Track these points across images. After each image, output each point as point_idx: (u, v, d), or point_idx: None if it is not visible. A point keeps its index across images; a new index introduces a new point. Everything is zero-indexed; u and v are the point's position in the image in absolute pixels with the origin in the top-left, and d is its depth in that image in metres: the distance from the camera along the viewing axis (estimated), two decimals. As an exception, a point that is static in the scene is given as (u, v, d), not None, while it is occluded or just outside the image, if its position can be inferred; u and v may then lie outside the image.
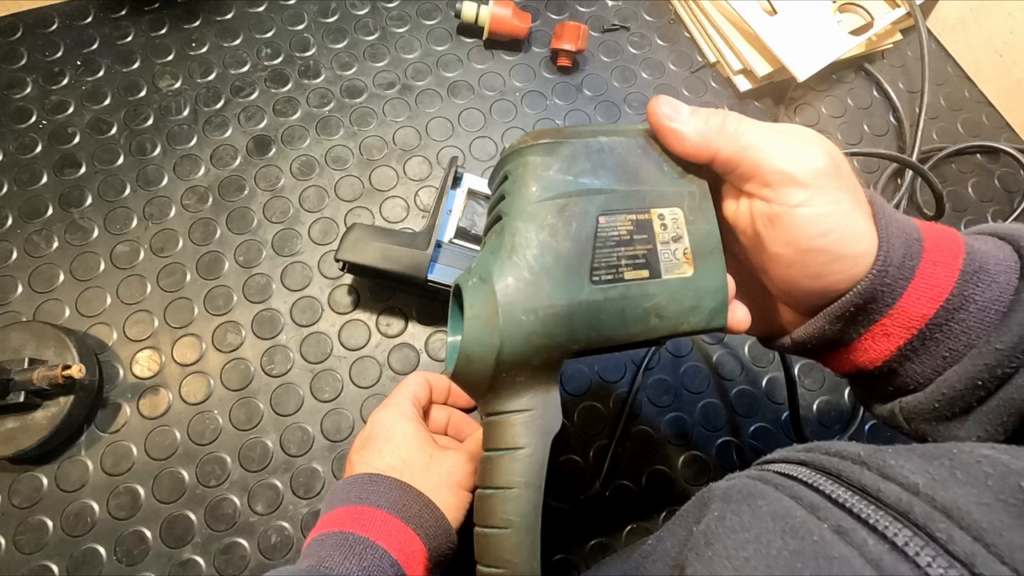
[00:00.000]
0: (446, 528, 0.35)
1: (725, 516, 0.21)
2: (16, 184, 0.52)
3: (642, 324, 0.26)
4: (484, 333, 0.25)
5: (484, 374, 0.25)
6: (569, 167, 0.26)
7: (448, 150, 0.56)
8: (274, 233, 0.52)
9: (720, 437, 0.49)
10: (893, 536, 0.18)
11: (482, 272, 0.25)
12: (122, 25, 0.59)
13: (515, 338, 0.24)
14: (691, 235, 0.27)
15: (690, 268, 0.26)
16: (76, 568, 0.42)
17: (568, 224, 0.25)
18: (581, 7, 0.65)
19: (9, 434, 0.41)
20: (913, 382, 0.26)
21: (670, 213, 0.26)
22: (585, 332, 0.25)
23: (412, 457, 0.37)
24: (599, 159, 0.26)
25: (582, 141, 0.26)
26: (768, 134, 0.26)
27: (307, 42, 0.60)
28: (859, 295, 0.25)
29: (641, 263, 0.26)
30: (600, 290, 0.25)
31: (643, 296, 0.26)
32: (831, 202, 0.25)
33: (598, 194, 0.26)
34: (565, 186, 0.25)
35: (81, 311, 0.48)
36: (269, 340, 0.49)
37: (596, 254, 0.25)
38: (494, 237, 0.26)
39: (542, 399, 0.26)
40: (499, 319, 0.24)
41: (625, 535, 0.45)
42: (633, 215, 0.26)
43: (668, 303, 0.26)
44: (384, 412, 0.39)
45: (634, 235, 0.26)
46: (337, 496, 0.36)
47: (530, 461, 0.26)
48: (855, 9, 0.61)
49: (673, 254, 0.26)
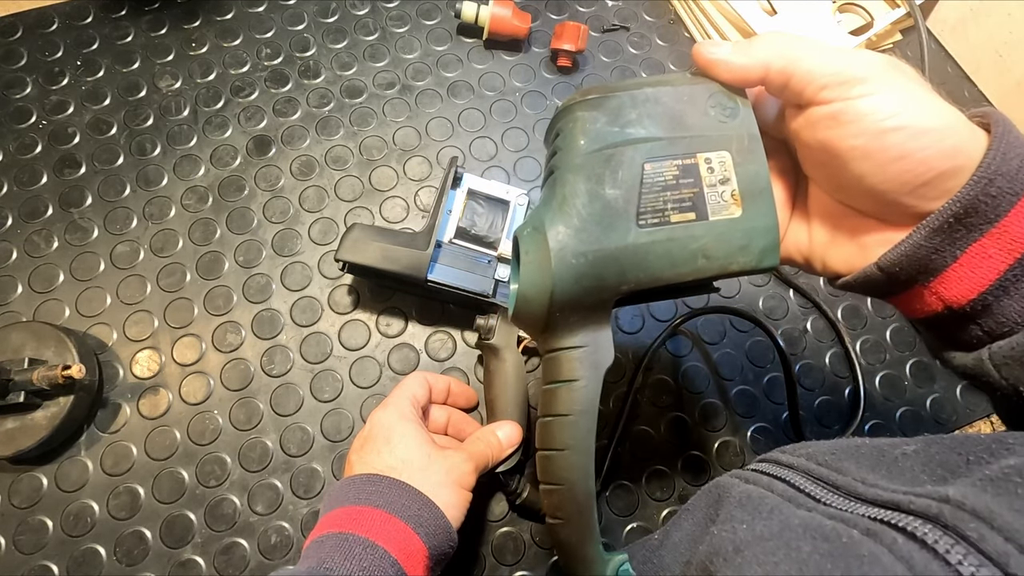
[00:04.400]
0: (446, 527, 0.35)
1: (755, 527, 0.21)
2: (16, 184, 0.52)
3: (690, 265, 0.27)
4: (538, 276, 0.27)
5: (540, 314, 0.27)
6: (615, 119, 0.27)
7: (448, 150, 0.56)
8: (274, 233, 0.52)
9: (720, 437, 0.49)
10: (923, 535, 0.17)
11: (535, 222, 0.28)
12: (122, 25, 0.59)
13: (566, 280, 0.26)
14: (739, 177, 0.27)
15: (738, 209, 0.27)
16: (76, 568, 0.42)
17: (615, 172, 0.27)
18: (581, 7, 0.65)
19: (9, 434, 0.41)
20: (1009, 322, 0.24)
21: (717, 156, 0.27)
22: (634, 273, 0.27)
23: (411, 457, 0.37)
24: (645, 109, 0.27)
25: (628, 94, 0.27)
26: (814, 43, 0.26)
27: (307, 42, 0.60)
28: (959, 201, 0.23)
29: (687, 206, 0.27)
30: (646, 233, 0.26)
31: (690, 237, 0.27)
32: (893, 88, 0.24)
33: (644, 142, 0.27)
34: (611, 137, 0.27)
35: (81, 311, 0.48)
36: (269, 340, 0.49)
37: (642, 199, 0.27)
38: (547, 190, 0.28)
39: (594, 336, 0.28)
40: (551, 263, 0.26)
41: (625, 535, 0.45)
42: (679, 160, 0.27)
43: (715, 243, 0.27)
44: (383, 412, 0.39)
45: (680, 179, 0.27)
46: (336, 497, 0.36)
47: (584, 392, 0.28)
48: (855, 9, 0.61)
49: (720, 196, 0.27)
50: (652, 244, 0.26)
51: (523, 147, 0.57)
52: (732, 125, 0.27)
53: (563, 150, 0.28)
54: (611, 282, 0.27)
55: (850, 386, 0.51)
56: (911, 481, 0.21)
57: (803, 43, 0.26)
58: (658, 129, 0.27)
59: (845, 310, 0.53)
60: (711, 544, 0.22)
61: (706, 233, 0.27)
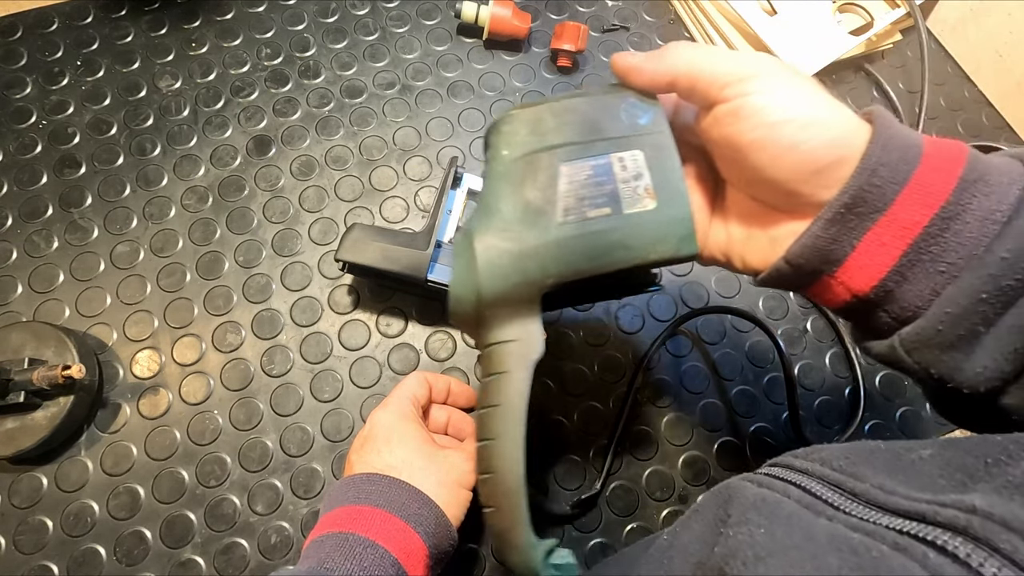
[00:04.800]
0: (446, 525, 0.35)
1: (775, 533, 0.21)
2: (16, 184, 0.52)
3: (609, 256, 0.29)
4: (467, 276, 0.29)
5: (471, 312, 0.30)
6: (535, 129, 0.29)
7: (448, 150, 0.56)
8: (274, 233, 0.52)
9: (720, 437, 0.49)
10: (954, 549, 0.17)
11: (466, 228, 0.30)
12: (122, 25, 0.59)
13: (492, 277, 0.29)
14: (652, 172, 0.29)
15: (652, 201, 0.29)
16: (76, 568, 0.42)
17: (534, 176, 0.29)
18: (581, 7, 0.65)
19: (9, 434, 0.41)
20: (912, 307, 0.25)
21: (629, 155, 0.29)
22: (556, 267, 0.29)
23: (411, 456, 0.37)
24: (562, 118, 0.29)
25: (547, 106, 0.30)
26: (715, 50, 0.28)
27: (307, 42, 0.60)
28: (847, 191, 0.25)
29: (602, 202, 0.29)
30: (566, 228, 0.28)
31: (607, 230, 0.29)
32: (785, 84, 0.26)
33: (561, 147, 0.29)
34: (531, 145, 0.29)
35: (81, 311, 0.48)
36: (269, 340, 0.49)
37: (560, 199, 0.29)
38: (479, 199, 0.30)
39: (524, 330, 0.30)
40: (477, 263, 0.28)
41: (625, 535, 0.45)
42: (593, 161, 0.29)
43: (632, 235, 0.29)
44: (383, 412, 0.39)
45: (594, 178, 0.29)
46: (336, 496, 0.36)
47: (513, 382, 0.30)
48: (855, 9, 0.61)
49: (634, 191, 0.29)
50: (571, 239, 0.28)
51: (523, 147, 0.57)
52: (644, 127, 0.30)
53: (490, 161, 0.30)
54: (535, 277, 0.29)
55: (850, 386, 0.51)
56: (931, 487, 0.20)
57: (706, 50, 0.28)
58: (574, 135, 0.29)
59: (845, 310, 0.53)
60: (726, 546, 0.22)
61: (622, 225, 0.29)
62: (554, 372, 0.49)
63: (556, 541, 0.33)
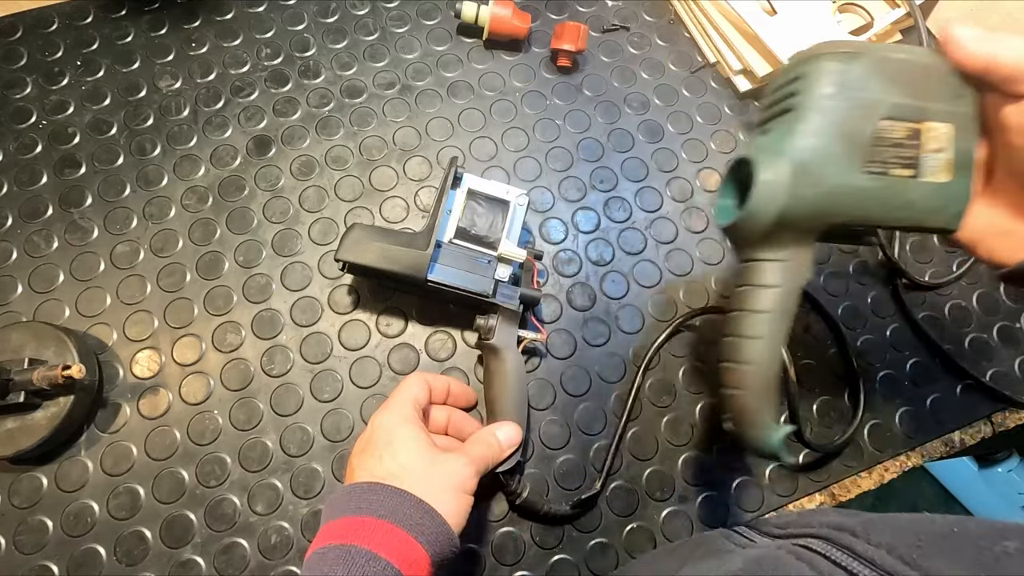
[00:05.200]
0: (448, 533, 0.35)
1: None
2: (16, 184, 0.52)
3: (895, 212, 0.32)
4: (773, 195, 0.31)
5: (761, 228, 0.32)
6: (862, 75, 0.30)
7: (448, 150, 0.56)
8: (274, 233, 0.52)
9: (720, 437, 0.49)
10: None
11: (776, 147, 0.31)
12: (122, 25, 0.59)
13: (796, 205, 0.31)
14: (955, 148, 0.31)
15: (947, 176, 0.31)
16: (76, 568, 0.42)
17: (854, 122, 0.30)
18: (581, 7, 0.65)
19: (9, 434, 0.41)
20: None
21: (942, 127, 0.31)
22: (849, 210, 0.31)
23: (412, 462, 0.37)
24: (891, 72, 0.31)
25: (877, 55, 0.31)
26: None
27: (307, 42, 0.60)
28: None
29: (907, 163, 0.31)
30: (869, 179, 0.31)
31: (903, 190, 0.31)
32: None
33: (884, 101, 0.30)
34: (857, 90, 0.30)
35: (81, 311, 0.48)
36: (269, 340, 0.49)
37: (871, 150, 0.31)
38: (784, 124, 0.32)
39: (800, 253, 0.33)
40: (789, 187, 0.30)
41: (625, 535, 0.45)
42: (910, 123, 0.31)
43: (920, 200, 0.31)
44: (384, 415, 0.39)
45: (906, 140, 0.31)
46: (338, 505, 0.35)
47: (783, 296, 0.33)
48: (855, 9, 0.61)
49: (936, 162, 0.31)
50: (871, 189, 0.31)
51: (523, 147, 0.57)
52: (959, 102, 0.31)
53: (807, 92, 0.31)
54: (829, 213, 0.31)
55: (850, 386, 0.51)
56: None
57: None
58: (899, 93, 0.31)
59: (845, 310, 0.53)
60: None
61: (915, 189, 0.31)
62: (554, 372, 0.49)
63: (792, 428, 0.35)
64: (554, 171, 0.57)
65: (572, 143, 0.58)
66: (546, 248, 0.54)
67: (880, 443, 0.50)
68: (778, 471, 0.48)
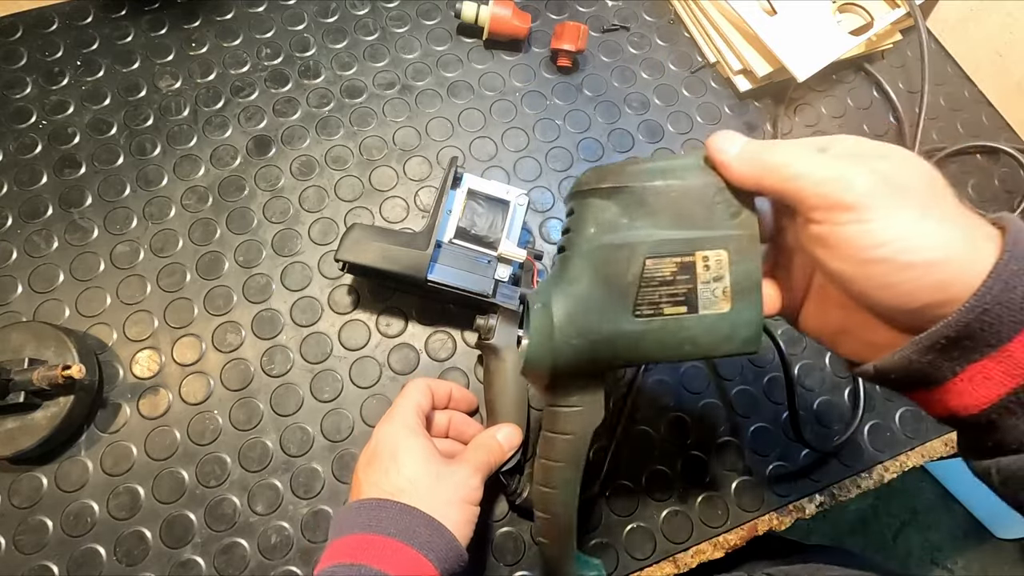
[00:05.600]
0: (456, 548, 0.35)
1: None
2: (16, 184, 0.52)
3: (677, 350, 0.30)
4: (543, 349, 0.30)
5: (543, 377, 0.32)
6: (625, 211, 0.29)
7: (448, 150, 0.56)
8: (274, 233, 0.52)
9: (720, 437, 0.49)
10: None
11: (544, 298, 0.31)
12: (122, 25, 0.59)
13: (566, 355, 0.30)
14: (732, 274, 0.29)
15: (727, 304, 0.29)
16: (76, 568, 0.42)
17: (618, 264, 0.29)
18: (581, 7, 0.65)
19: (9, 434, 0.41)
20: (1016, 441, 0.23)
21: (714, 255, 0.29)
22: (626, 354, 0.30)
23: (418, 476, 0.36)
24: (654, 205, 0.29)
25: (640, 186, 0.29)
26: (811, 162, 0.25)
27: (307, 42, 0.60)
28: (953, 325, 0.22)
29: (681, 300, 0.29)
30: (641, 323, 0.29)
31: (680, 328, 0.29)
32: (885, 216, 0.23)
33: (648, 238, 0.29)
34: (620, 229, 0.29)
35: (81, 311, 0.48)
36: (269, 340, 0.49)
37: (640, 292, 0.29)
38: (558, 267, 0.31)
39: (589, 399, 0.33)
40: (554, 341, 0.30)
41: (625, 535, 0.45)
42: (678, 258, 0.29)
43: (703, 334, 0.29)
44: (389, 427, 0.39)
45: (677, 276, 0.29)
46: (346, 522, 0.35)
47: (574, 445, 0.34)
48: (855, 9, 0.61)
49: (712, 292, 0.29)
50: (645, 332, 0.29)
51: (523, 147, 0.57)
52: (734, 223, 0.28)
53: (575, 232, 0.30)
54: (605, 359, 0.30)
55: (850, 386, 0.51)
56: None
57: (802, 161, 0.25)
58: (664, 225, 0.29)
59: (845, 310, 0.53)
60: None
61: (695, 325, 0.29)
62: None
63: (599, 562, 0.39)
64: (554, 171, 0.57)
65: (572, 143, 0.58)
66: (546, 248, 0.54)
67: (880, 443, 0.50)
68: (778, 471, 0.48)
